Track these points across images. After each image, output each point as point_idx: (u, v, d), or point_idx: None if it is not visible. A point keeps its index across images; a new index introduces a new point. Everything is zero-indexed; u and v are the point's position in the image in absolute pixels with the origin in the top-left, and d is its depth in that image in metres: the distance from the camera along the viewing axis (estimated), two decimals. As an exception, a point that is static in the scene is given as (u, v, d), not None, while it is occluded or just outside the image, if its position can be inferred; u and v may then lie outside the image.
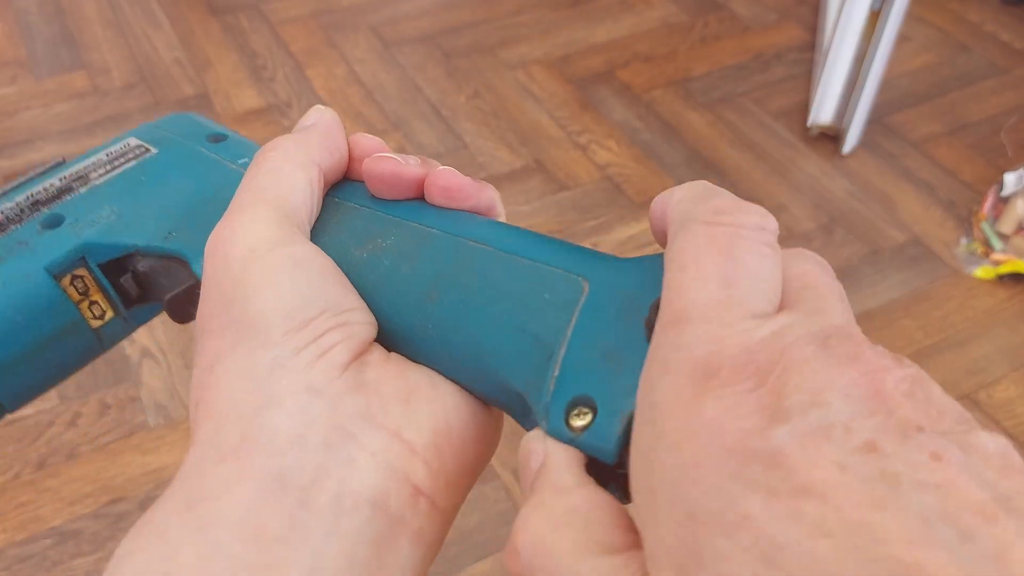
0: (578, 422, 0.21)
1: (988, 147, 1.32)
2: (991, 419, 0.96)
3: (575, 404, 0.21)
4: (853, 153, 1.31)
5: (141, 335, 1.03)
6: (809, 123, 1.32)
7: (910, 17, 1.34)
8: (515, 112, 1.38)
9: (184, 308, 0.29)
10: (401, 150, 1.30)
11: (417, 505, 0.22)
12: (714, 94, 1.41)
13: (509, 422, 0.26)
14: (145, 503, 0.89)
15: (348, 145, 0.29)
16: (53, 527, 0.87)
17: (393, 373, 0.24)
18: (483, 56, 1.49)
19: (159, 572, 0.19)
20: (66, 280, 0.29)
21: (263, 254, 0.24)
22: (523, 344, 0.23)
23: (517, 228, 0.27)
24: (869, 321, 1.07)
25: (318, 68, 1.46)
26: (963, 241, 1.17)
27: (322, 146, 0.27)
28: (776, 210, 1.21)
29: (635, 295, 0.22)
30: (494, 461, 0.92)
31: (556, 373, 0.21)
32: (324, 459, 0.21)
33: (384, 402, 0.23)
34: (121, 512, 0.88)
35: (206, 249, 0.25)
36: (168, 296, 0.29)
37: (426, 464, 0.23)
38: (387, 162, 0.27)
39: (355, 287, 0.25)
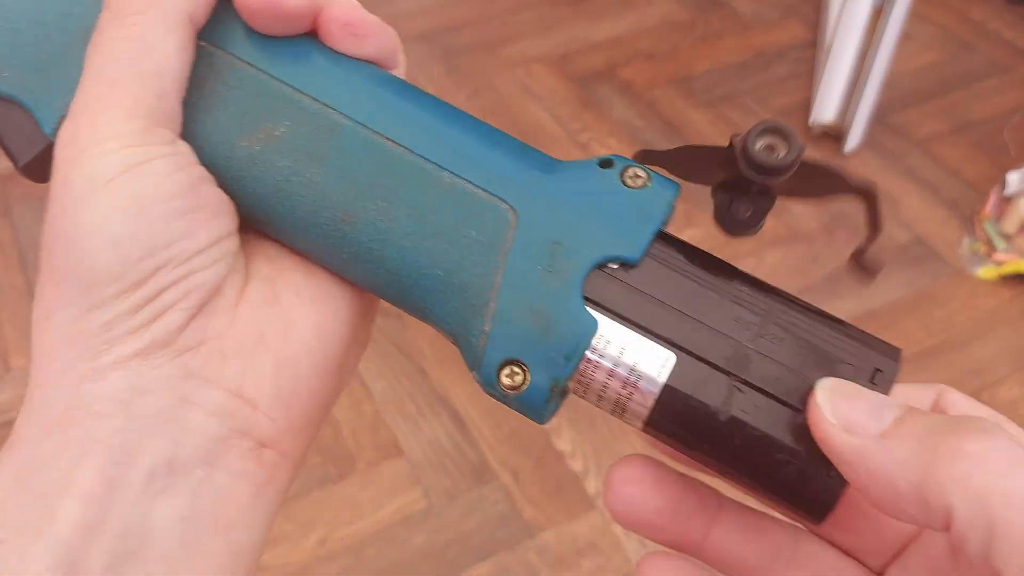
0: (509, 381, 0.22)
1: (991, 146, 1.31)
2: (994, 420, 0.95)
3: (506, 364, 0.22)
4: (855, 152, 1.30)
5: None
6: (811, 122, 1.31)
7: (913, 15, 1.33)
8: (516, 110, 1.37)
9: (44, 172, 0.24)
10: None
11: (262, 458, 0.22)
12: (716, 92, 1.40)
13: (507, 422, 0.25)
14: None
15: None
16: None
17: (241, 321, 0.22)
18: (483, 54, 1.49)
19: None
20: None
21: (102, 185, 0.20)
22: (451, 292, 0.22)
23: (434, 109, 0.24)
24: (872, 321, 1.06)
25: (317, 66, 1.45)
26: (966, 241, 1.17)
27: None
28: (778, 209, 1.20)
29: (562, 241, 0.22)
30: (494, 462, 0.92)
31: (487, 329, 0.22)
32: (152, 424, 0.21)
33: (225, 358, 0.22)
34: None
35: (55, 150, 0.22)
36: (23, 164, 0.24)
37: (270, 419, 0.22)
38: None
39: (243, 189, 0.23)
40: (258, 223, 0.24)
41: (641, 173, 0.23)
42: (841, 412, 0.20)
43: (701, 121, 1.35)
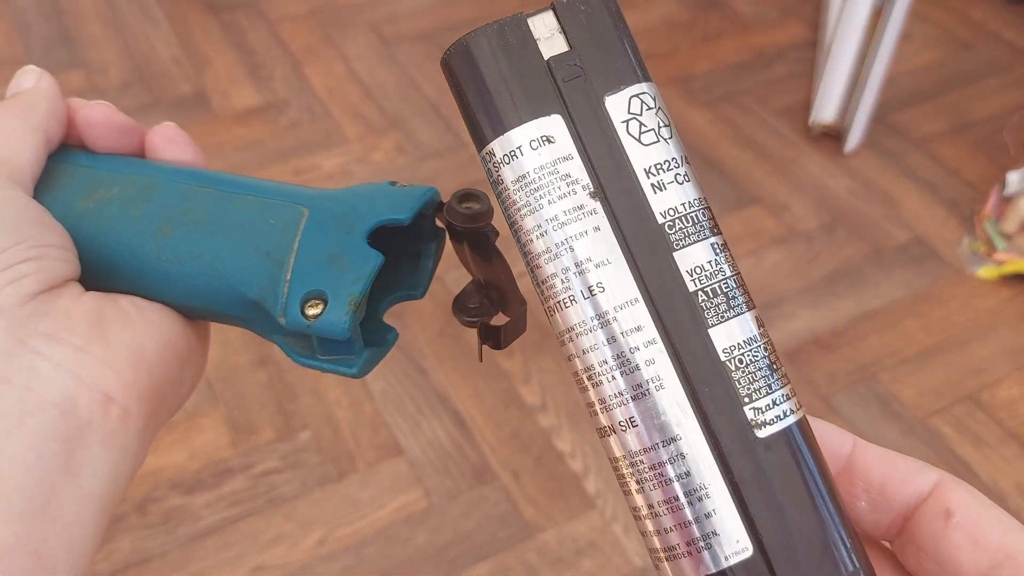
0: (312, 311, 0.26)
1: (991, 146, 1.31)
2: (993, 419, 0.95)
3: (308, 298, 0.26)
4: (855, 152, 1.30)
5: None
6: (811, 122, 1.31)
7: (912, 15, 1.33)
8: (515, 110, 1.37)
9: None
10: (400, 148, 1.30)
11: (108, 411, 0.25)
12: (716, 92, 1.40)
13: (508, 422, 0.26)
14: (143, 505, 0.88)
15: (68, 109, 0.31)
16: (49, 529, 0.86)
17: (87, 305, 0.26)
18: (483, 54, 1.48)
19: None
20: None
21: None
22: (257, 260, 0.27)
23: (235, 175, 0.30)
24: (872, 320, 1.06)
25: (316, 66, 1.45)
26: (966, 241, 1.17)
27: (49, 114, 0.29)
28: (778, 209, 1.21)
29: (350, 214, 0.27)
30: (494, 462, 0.92)
31: (288, 277, 0.26)
32: (4, 368, 0.23)
33: (72, 324, 0.25)
34: (119, 514, 0.88)
35: None
36: None
37: (117, 374, 0.25)
38: (100, 107, 0.30)
39: (81, 234, 0.28)
40: (95, 266, 0.28)
41: (404, 182, 0.29)
42: None
43: (701, 121, 1.35)
